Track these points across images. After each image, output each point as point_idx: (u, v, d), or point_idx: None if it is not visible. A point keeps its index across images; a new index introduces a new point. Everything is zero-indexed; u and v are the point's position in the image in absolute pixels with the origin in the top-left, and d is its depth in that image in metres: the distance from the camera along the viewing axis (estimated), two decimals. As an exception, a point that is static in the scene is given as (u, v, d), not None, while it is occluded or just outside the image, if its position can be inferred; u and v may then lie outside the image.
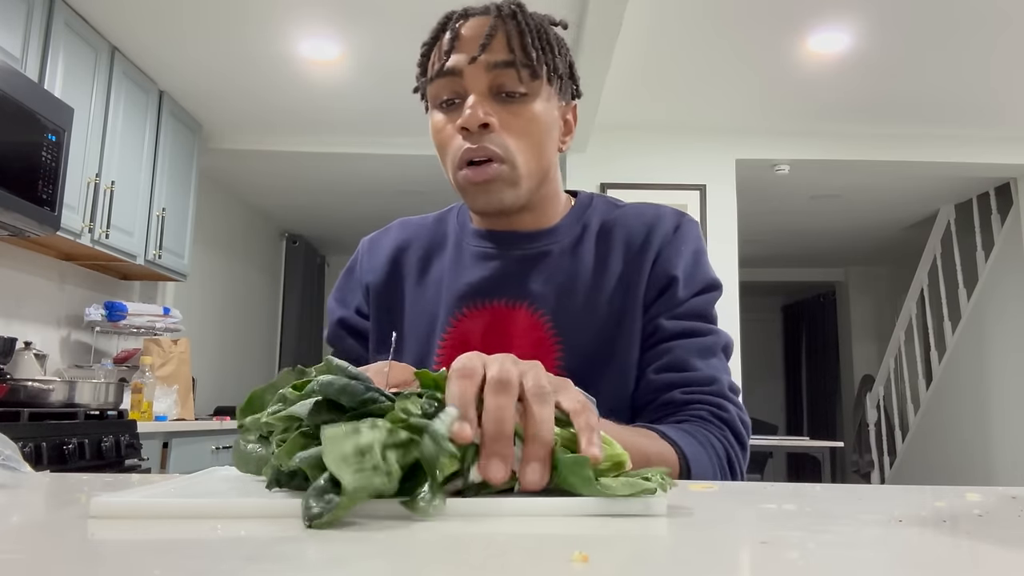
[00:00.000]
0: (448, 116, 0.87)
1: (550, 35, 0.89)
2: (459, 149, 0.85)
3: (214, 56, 3.43)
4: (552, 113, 0.90)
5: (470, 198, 0.89)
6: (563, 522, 0.43)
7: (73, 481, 0.66)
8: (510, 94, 0.85)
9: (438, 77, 0.86)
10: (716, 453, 0.81)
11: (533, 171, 0.88)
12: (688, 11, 3.11)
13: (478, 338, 0.91)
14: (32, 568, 0.31)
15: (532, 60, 0.84)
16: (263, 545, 0.36)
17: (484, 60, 0.83)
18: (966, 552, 0.37)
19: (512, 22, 0.85)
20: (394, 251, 1.00)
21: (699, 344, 0.88)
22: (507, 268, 0.93)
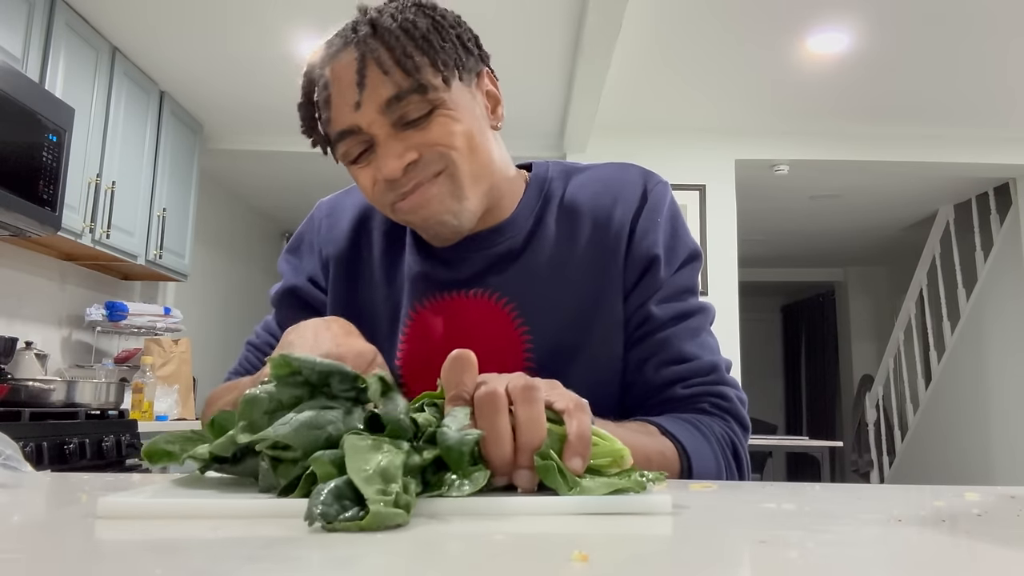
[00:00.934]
0: (367, 170, 0.79)
1: (421, 29, 0.77)
2: (392, 197, 0.79)
3: (215, 56, 3.43)
4: (469, 104, 0.80)
5: (425, 235, 0.84)
6: (563, 522, 0.43)
7: (74, 481, 0.66)
8: (415, 120, 0.76)
9: (339, 139, 0.78)
10: (720, 444, 0.79)
11: (475, 167, 0.80)
12: (688, 11, 3.11)
13: (439, 332, 0.85)
14: (33, 568, 0.31)
15: (416, 76, 0.75)
16: (263, 545, 0.36)
17: (372, 103, 0.75)
18: (965, 552, 0.37)
19: (376, 43, 0.75)
20: (358, 219, 0.93)
21: (690, 327, 0.84)
22: (464, 254, 0.86)
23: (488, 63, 0.86)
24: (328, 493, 0.40)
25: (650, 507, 0.46)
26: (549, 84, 3.64)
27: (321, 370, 0.51)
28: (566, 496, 0.46)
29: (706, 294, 4.18)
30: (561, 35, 3.18)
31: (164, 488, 0.50)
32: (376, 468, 0.42)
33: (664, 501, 0.46)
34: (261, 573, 0.31)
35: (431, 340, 0.86)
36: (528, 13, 2.98)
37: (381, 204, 0.81)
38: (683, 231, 0.89)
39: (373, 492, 0.40)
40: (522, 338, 0.84)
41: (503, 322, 0.84)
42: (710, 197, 4.32)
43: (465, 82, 0.81)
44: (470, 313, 0.85)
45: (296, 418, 0.47)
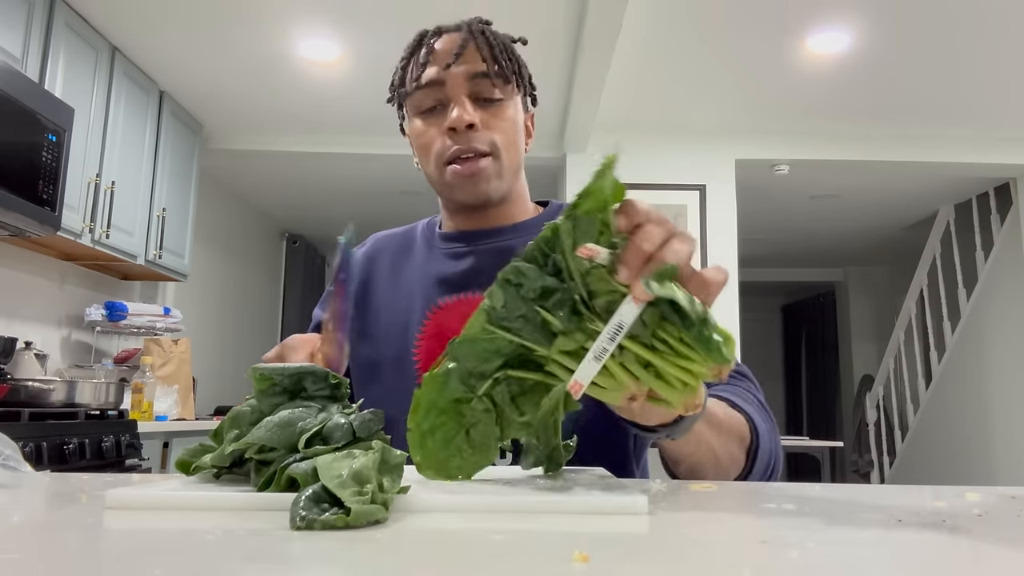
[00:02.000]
0: (430, 120, 0.95)
1: (513, 49, 0.98)
2: (445, 148, 0.93)
3: (214, 56, 3.43)
4: (521, 116, 0.99)
5: (459, 192, 0.95)
6: (563, 522, 0.43)
7: (74, 481, 0.66)
8: (488, 99, 0.94)
9: (421, 88, 0.94)
10: (754, 402, 0.84)
11: (513, 165, 0.97)
12: (688, 11, 3.11)
13: (454, 329, 0.92)
14: (33, 569, 0.31)
15: (504, 70, 0.94)
16: (263, 544, 0.36)
17: (463, 71, 0.92)
18: (965, 552, 0.37)
19: (481, 37, 0.94)
20: (367, 259, 1.07)
21: None
22: (478, 261, 0.98)
23: (534, 106, 1.06)
24: (307, 499, 0.41)
25: (626, 508, 0.46)
26: (549, 84, 3.64)
27: (291, 374, 0.55)
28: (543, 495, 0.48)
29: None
30: (561, 35, 3.18)
31: (172, 484, 0.53)
32: (349, 473, 0.44)
33: (640, 501, 0.47)
34: (261, 572, 0.31)
35: (448, 335, 0.92)
36: (528, 13, 2.98)
37: (439, 151, 0.94)
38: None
39: (349, 494, 0.42)
40: None
41: None
42: (710, 197, 4.33)
43: (523, 103, 1.00)
44: None
45: (270, 420, 0.51)
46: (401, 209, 5.47)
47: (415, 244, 1.05)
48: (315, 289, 6.82)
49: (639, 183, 4.28)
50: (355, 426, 0.51)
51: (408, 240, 1.07)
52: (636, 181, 4.28)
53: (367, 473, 0.44)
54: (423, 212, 1.11)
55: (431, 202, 1.01)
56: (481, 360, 0.56)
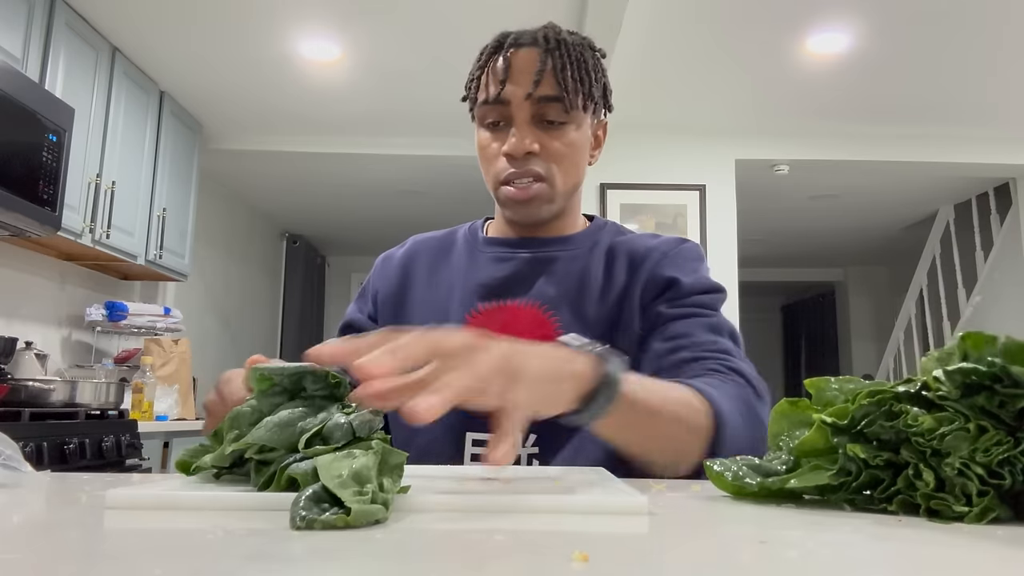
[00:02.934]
0: (494, 135, 0.97)
1: (589, 64, 0.98)
2: (503, 170, 0.95)
3: (215, 56, 3.43)
4: (586, 135, 1.00)
5: (510, 211, 0.99)
6: (563, 522, 0.43)
7: (74, 481, 0.66)
8: (550, 122, 0.94)
9: (489, 103, 0.95)
10: (734, 398, 0.81)
11: (568, 188, 0.99)
12: (687, 11, 3.11)
13: (491, 333, 0.93)
14: (33, 569, 0.31)
15: (571, 94, 0.94)
16: (263, 544, 0.36)
17: (533, 94, 0.93)
18: (965, 552, 0.37)
19: (557, 55, 0.95)
20: (405, 259, 1.08)
21: (705, 322, 0.92)
22: (519, 269, 1.00)
23: (609, 113, 1.07)
24: (307, 499, 0.41)
25: (626, 508, 0.47)
26: (549, 84, 3.64)
27: (291, 374, 0.55)
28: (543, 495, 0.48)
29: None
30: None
31: (172, 484, 0.53)
32: (349, 472, 0.44)
33: (640, 501, 0.47)
34: (261, 572, 0.31)
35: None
36: (528, 13, 2.98)
37: (497, 172, 0.96)
38: (707, 273, 1.00)
39: (349, 495, 0.42)
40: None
41: (548, 330, 0.96)
42: (710, 197, 4.32)
43: (592, 118, 1.02)
44: (521, 318, 0.98)
45: (270, 420, 0.51)
46: (401, 209, 5.47)
47: (455, 248, 1.06)
48: (315, 289, 6.83)
49: (639, 183, 4.28)
50: (355, 425, 0.51)
51: (448, 244, 1.08)
52: (636, 181, 4.28)
53: (367, 473, 0.44)
54: (423, 212, 1.12)
55: (432, 202, 1.02)
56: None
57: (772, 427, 0.57)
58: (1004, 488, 0.43)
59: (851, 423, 0.49)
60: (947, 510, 0.44)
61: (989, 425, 0.44)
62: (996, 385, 0.45)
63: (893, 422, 0.47)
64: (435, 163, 4.39)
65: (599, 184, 4.25)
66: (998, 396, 0.45)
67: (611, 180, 4.27)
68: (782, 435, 0.56)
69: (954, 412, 0.45)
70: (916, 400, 0.48)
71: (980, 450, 0.44)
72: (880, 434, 0.48)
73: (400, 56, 3.33)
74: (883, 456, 0.47)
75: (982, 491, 0.43)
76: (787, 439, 0.56)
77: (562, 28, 1.00)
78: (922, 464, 0.46)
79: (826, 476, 0.49)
